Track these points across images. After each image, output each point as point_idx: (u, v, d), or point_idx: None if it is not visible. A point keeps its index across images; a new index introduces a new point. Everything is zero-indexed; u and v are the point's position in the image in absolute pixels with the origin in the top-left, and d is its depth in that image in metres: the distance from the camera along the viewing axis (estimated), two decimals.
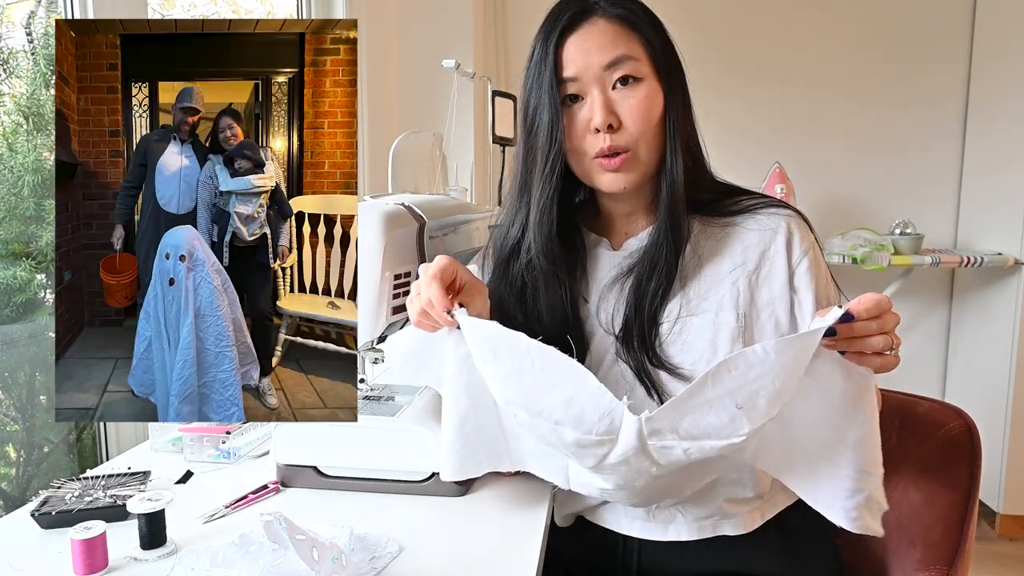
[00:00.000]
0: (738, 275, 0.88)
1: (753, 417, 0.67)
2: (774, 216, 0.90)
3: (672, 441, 0.69)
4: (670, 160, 0.87)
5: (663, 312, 0.89)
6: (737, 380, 0.67)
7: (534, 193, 0.89)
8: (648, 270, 0.89)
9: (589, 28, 0.85)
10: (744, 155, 2.66)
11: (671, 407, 0.68)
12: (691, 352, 0.87)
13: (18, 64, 1.22)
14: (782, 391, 0.68)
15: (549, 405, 0.71)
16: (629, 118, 0.85)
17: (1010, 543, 2.48)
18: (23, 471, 1.31)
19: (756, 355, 0.67)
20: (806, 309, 0.87)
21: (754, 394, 0.67)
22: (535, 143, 0.88)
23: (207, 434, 1.02)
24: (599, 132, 0.85)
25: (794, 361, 0.68)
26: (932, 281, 2.82)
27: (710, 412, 0.68)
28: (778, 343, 0.67)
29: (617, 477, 0.74)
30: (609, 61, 0.84)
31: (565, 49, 0.86)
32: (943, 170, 2.75)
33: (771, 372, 0.67)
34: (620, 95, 0.85)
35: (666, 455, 0.70)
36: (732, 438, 0.68)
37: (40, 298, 1.27)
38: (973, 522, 0.94)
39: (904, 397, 1.09)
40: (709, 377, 0.67)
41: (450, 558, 0.75)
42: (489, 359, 0.74)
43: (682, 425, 0.68)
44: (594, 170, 0.88)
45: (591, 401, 0.70)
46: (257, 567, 0.70)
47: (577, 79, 0.85)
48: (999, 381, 2.47)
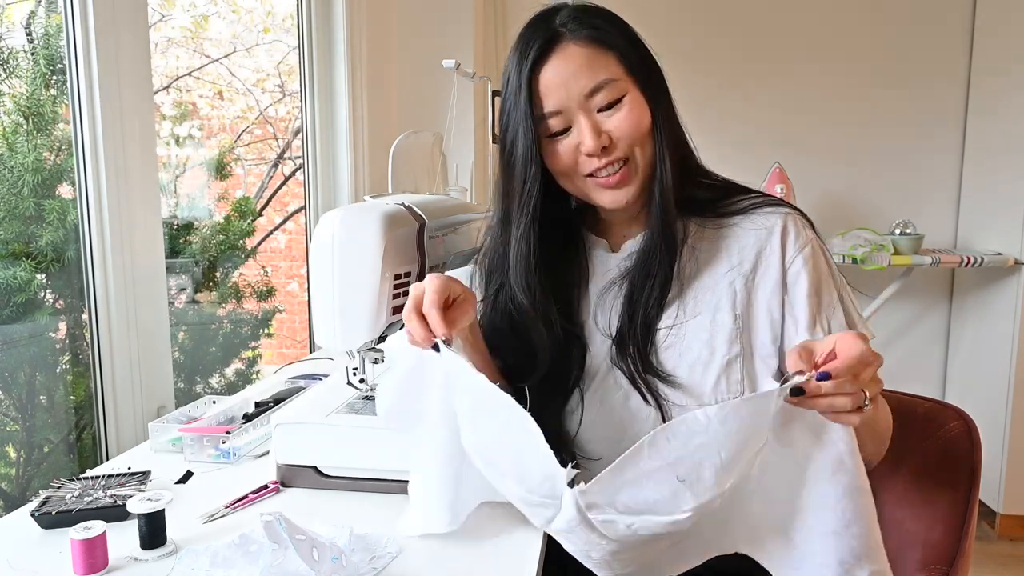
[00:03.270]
0: (734, 276, 0.88)
1: (698, 491, 0.62)
2: (770, 215, 0.89)
3: (612, 515, 0.64)
4: (659, 168, 0.87)
5: (659, 319, 0.88)
6: (677, 450, 0.61)
7: (512, 229, 0.88)
8: (641, 278, 0.88)
9: (562, 55, 0.83)
10: (744, 155, 2.66)
11: (604, 481, 0.63)
12: (687, 356, 0.87)
13: (18, 64, 1.22)
14: (731, 463, 0.62)
15: (499, 455, 0.70)
16: (619, 132, 0.84)
17: (1010, 543, 2.48)
18: (23, 471, 1.31)
19: (698, 422, 0.61)
20: (798, 309, 0.86)
21: (697, 465, 0.61)
22: (512, 174, 0.87)
23: (207, 434, 1.02)
24: (591, 156, 0.84)
25: (742, 429, 0.62)
26: (932, 281, 2.82)
27: (649, 485, 0.62)
28: (722, 408, 0.61)
29: (571, 545, 0.71)
30: (590, 89, 0.82)
31: (540, 81, 0.83)
32: (943, 170, 2.75)
33: (716, 441, 0.61)
34: (606, 117, 0.84)
35: (611, 529, 0.65)
36: (676, 514, 0.62)
37: (40, 298, 1.27)
38: (973, 522, 0.93)
39: (904, 397, 1.09)
40: (645, 446, 0.62)
41: (450, 558, 0.75)
42: (458, 394, 0.74)
43: (619, 499, 0.63)
44: (591, 189, 0.87)
45: (536, 461, 0.66)
46: (257, 567, 0.70)
47: (560, 112, 0.84)
48: (999, 381, 2.47)
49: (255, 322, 2.09)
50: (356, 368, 1.00)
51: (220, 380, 1.95)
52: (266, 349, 2.18)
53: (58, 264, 1.23)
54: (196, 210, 1.93)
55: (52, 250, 1.22)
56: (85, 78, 1.11)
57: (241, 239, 1.98)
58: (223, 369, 1.99)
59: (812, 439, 0.65)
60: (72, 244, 1.21)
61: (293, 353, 2.33)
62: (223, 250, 1.90)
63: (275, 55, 2.37)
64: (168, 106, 1.94)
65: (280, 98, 2.44)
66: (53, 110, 1.23)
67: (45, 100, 1.22)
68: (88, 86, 1.11)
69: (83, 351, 1.28)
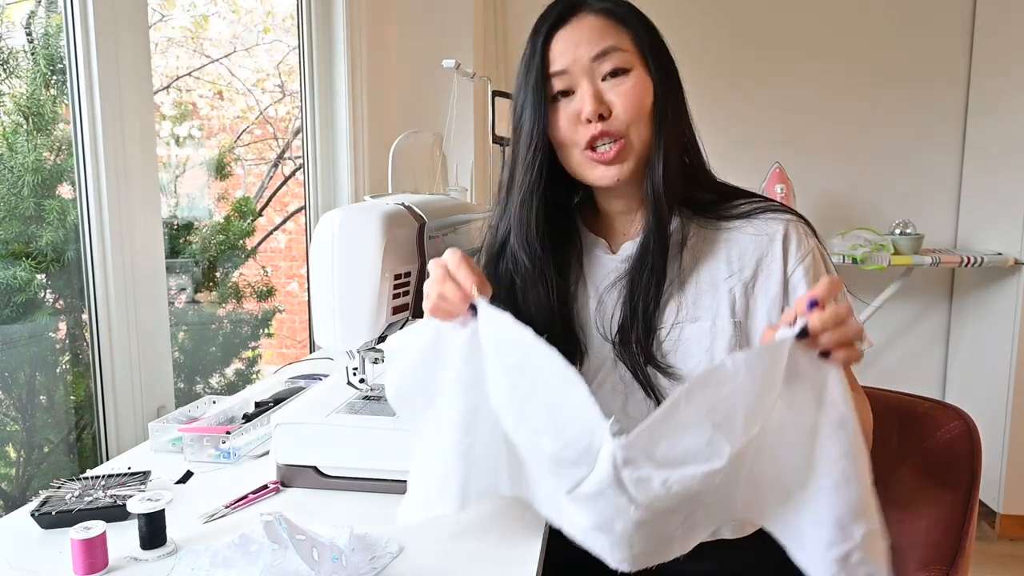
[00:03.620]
0: (734, 282, 0.88)
1: (731, 437, 0.64)
2: (771, 221, 0.89)
3: (648, 470, 0.64)
4: (654, 153, 0.87)
5: (660, 315, 0.88)
6: (711, 398, 0.64)
7: (514, 189, 0.89)
8: (638, 267, 0.88)
9: (577, 23, 0.85)
10: (744, 155, 2.66)
11: (645, 430, 0.64)
12: (689, 359, 0.86)
13: (18, 64, 1.22)
14: (757, 408, 0.65)
15: (535, 410, 0.69)
16: (620, 105, 0.84)
17: (1010, 543, 2.48)
18: (23, 471, 1.31)
19: (727, 370, 0.64)
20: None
21: (730, 411, 0.64)
22: (519, 139, 0.89)
23: (207, 434, 1.02)
24: (590, 122, 0.84)
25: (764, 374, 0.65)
26: (932, 281, 2.82)
27: (686, 434, 0.64)
28: (748, 355, 0.64)
29: (594, 514, 0.70)
30: (597, 52, 0.84)
31: (553, 45, 0.86)
32: (943, 170, 2.75)
33: (743, 387, 0.64)
34: (609, 85, 0.85)
35: (644, 489, 0.65)
36: (713, 462, 0.64)
37: (40, 298, 1.27)
38: (973, 522, 0.93)
39: (904, 397, 1.09)
40: (682, 397, 0.64)
41: (450, 558, 0.75)
42: (493, 351, 0.72)
43: (658, 450, 0.64)
44: (585, 163, 0.87)
45: (576, 415, 0.66)
46: (257, 567, 0.70)
47: (566, 72, 0.85)
48: (999, 381, 2.47)
49: (255, 322, 2.09)
50: (356, 368, 1.00)
51: (220, 380, 1.95)
52: (266, 349, 2.18)
53: (58, 264, 1.23)
54: (196, 210, 1.93)
55: (52, 250, 1.22)
56: (85, 78, 1.11)
57: (241, 239, 1.98)
58: (223, 369, 1.99)
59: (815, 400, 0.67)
60: (72, 244, 1.21)
61: (293, 353, 2.33)
62: (223, 250, 1.90)
63: (275, 55, 2.37)
64: (168, 106, 1.94)
65: (280, 98, 2.44)
66: (53, 110, 1.23)
67: (45, 100, 1.22)
68: (88, 86, 1.11)
69: (83, 351, 1.28)
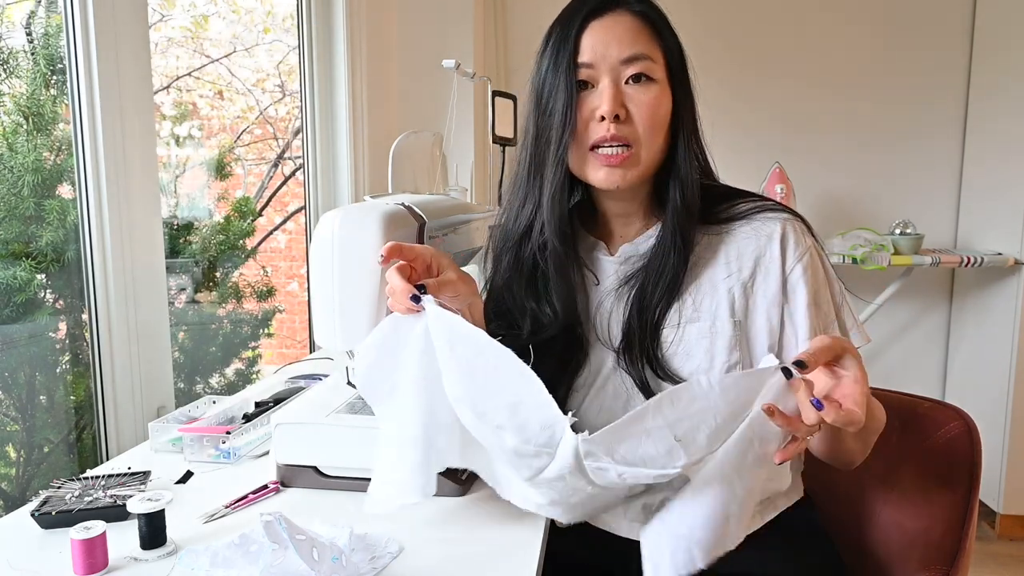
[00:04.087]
0: (733, 282, 0.88)
1: (691, 451, 0.66)
2: (769, 221, 0.89)
3: (607, 464, 0.67)
4: (684, 166, 0.87)
5: (664, 320, 0.88)
6: (679, 412, 0.66)
7: (547, 174, 0.88)
8: (654, 278, 0.87)
9: (614, 18, 0.85)
10: (744, 155, 2.66)
11: (609, 432, 0.67)
12: (690, 361, 0.86)
13: (18, 64, 1.22)
14: (722, 429, 0.67)
15: (494, 408, 0.70)
16: (638, 113, 0.84)
17: (1010, 543, 2.48)
18: (23, 471, 1.31)
19: (700, 388, 0.66)
20: (798, 318, 0.86)
21: (694, 428, 0.66)
22: (550, 124, 0.87)
23: (207, 434, 1.02)
24: (604, 121, 0.84)
25: (738, 399, 0.66)
26: (932, 281, 2.82)
27: (648, 441, 0.67)
28: (724, 378, 0.67)
29: (553, 492, 0.73)
30: (628, 56, 0.84)
31: (586, 34, 0.85)
32: (943, 170, 2.75)
33: (714, 407, 0.66)
34: (631, 90, 0.84)
35: (601, 476, 0.68)
36: (667, 468, 0.66)
37: (40, 298, 1.27)
38: (973, 522, 0.93)
39: (904, 397, 1.09)
40: (651, 407, 0.66)
41: (450, 558, 0.75)
42: (446, 350, 0.72)
43: (618, 451, 0.67)
44: (590, 163, 0.87)
45: (536, 411, 0.68)
46: (257, 567, 0.70)
47: (592, 66, 0.84)
48: (999, 381, 2.47)
49: (255, 322, 2.09)
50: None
51: (220, 380, 1.95)
52: (266, 349, 2.18)
53: (58, 264, 1.23)
54: (196, 210, 1.93)
55: (52, 250, 1.22)
56: (85, 78, 1.11)
57: (241, 239, 1.98)
58: (223, 369, 1.99)
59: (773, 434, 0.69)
60: (72, 244, 1.21)
61: (293, 353, 2.33)
62: (223, 250, 1.90)
63: (275, 55, 2.37)
64: (168, 106, 1.94)
65: (280, 98, 2.44)
66: (53, 110, 1.23)
67: (45, 100, 1.22)
68: (88, 86, 1.11)
69: (83, 351, 1.28)
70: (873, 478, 1.05)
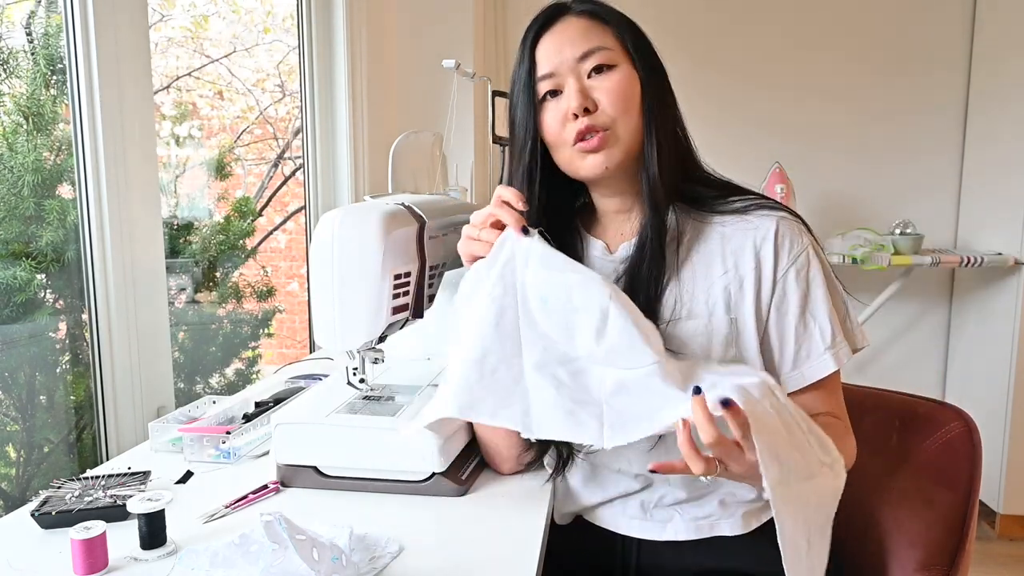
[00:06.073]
0: (729, 279, 0.88)
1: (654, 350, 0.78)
2: (765, 218, 0.89)
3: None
4: (647, 147, 0.88)
5: (659, 310, 0.89)
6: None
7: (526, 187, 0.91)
8: (638, 260, 0.89)
9: (562, 26, 0.89)
10: (744, 155, 2.66)
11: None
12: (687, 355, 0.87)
13: (18, 64, 1.22)
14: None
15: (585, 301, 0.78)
16: (606, 99, 0.86)
17: (1010, 543, 2.48)
18: (23, 471, 1.31)
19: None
20: (784, 323, 0.87)
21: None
22: (515, 139, 0.92)
23: (207, 434, 1.02)
24: (577, 117, 0.86)
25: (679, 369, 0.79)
26: (932, 281, 2.82)
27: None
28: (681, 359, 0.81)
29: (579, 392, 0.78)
30: (582, 53, 0.86)
31: (539, 48, 0.89)
32: (943, 170, 2.75)
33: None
34: (595, 82, 0.87)
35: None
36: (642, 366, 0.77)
37: (40, 298, 1.27)
38: (973, 522, 0.94)
39: (904, 397, 1.09)
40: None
41: (450, 558, 0.75)
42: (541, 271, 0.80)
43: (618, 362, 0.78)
44: (575, 157, 0.89)
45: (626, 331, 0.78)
46: (257, 567, 0.70)
47: (553, 74, 0.88)
48: (999, 381, 2.47)
49: (255, 322, 2.09)
50: (356, 368, 1.00)
51: (220, 380, 1.95)
52: (266, 349, 2.18)
53: (58, 264, 1.23)
54: (196, 210, 1.93)
55: (52, 250, 1.22)
56: (85, 78, 1.11)
57: (241, 239, 1.98)
58: (223, 369, 1.99)
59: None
60: (72, 244, 1.21)
61: (293, 353, 2.33)
62: (223, 250, 1.90)
63: (275, 55, 2.37)
64: (168, 106, 1.94)
65: (280, 98, 2.44)
66: (53, 110, 1.23)
67: (45, 100, 1.22)
68: (88, 86, 1.11)
69: (83, 351, 1.28)
70: (873, 478, 1.05)
